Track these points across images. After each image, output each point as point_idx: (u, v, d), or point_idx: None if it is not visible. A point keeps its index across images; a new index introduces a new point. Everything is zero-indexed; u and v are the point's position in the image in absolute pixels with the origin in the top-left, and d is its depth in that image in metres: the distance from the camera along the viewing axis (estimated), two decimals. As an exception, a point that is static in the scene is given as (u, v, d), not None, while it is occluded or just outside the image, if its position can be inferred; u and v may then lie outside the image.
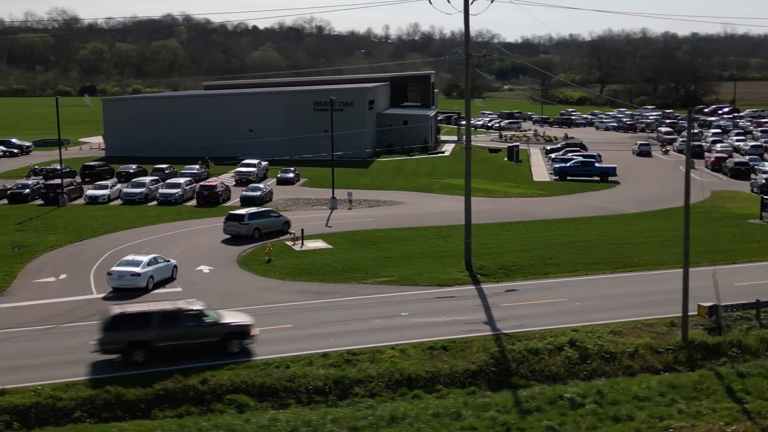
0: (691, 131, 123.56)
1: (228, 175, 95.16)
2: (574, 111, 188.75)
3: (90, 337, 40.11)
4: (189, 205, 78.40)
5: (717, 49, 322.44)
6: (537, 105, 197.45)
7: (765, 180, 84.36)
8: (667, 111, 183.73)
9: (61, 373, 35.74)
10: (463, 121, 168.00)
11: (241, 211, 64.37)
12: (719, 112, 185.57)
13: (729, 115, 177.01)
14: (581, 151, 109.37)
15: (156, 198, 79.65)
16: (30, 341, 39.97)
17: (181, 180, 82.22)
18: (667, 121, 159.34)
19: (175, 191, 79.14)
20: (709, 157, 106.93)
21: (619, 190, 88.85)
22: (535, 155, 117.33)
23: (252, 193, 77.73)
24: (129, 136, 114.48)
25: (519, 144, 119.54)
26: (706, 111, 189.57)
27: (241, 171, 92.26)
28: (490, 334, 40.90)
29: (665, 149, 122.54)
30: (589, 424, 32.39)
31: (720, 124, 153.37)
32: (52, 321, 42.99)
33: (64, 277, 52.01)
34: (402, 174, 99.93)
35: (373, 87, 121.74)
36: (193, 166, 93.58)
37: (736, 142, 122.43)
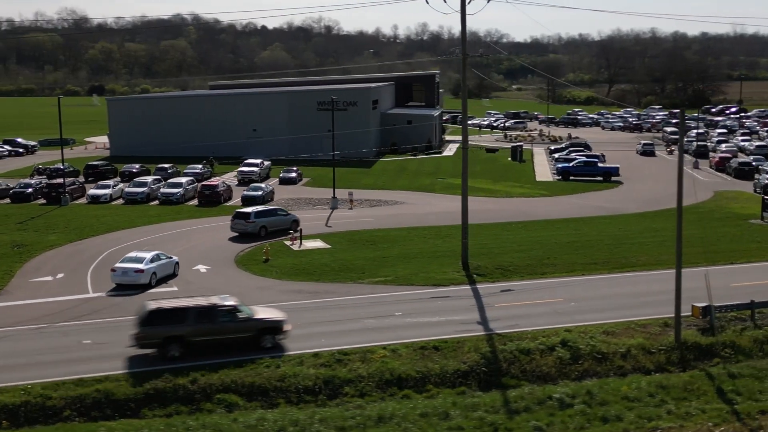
0: (699, 131, 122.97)
1: (231, 174, 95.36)
2: (581, 111, 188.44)
3: (82, 336, 40.49)
4: (190, 204, 78.52)
5: (727, 48, 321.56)
6: (545, 105, 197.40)
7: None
8: (674, 111, 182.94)
9: (52, 372, 35.83)
10: (468, 121, 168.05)
11: (247, 209, 64.96)
12: (726, 112, 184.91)
13: (736, 115, 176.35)
14: (585, 151, 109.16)
15: (158, 197, 79.82)
16: (22, 340, 40.07)
17: (183, 180, 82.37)
18: (674, 121, 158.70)
19: (177, 191, 79.30)
20: (713, 157, 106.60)
21: (622, 190, 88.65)
22: (539, 155, 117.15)
23: (253, 192, 77.86)
24: (133, 135, 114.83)
25: (522, 144, 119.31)
26: (714, 111, 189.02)
27: (243, 171, 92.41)
28: (482, 334, 40.86)
29: (670, 149, 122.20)
30: (577, 425, 32.29)
31: (726, 124, 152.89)
32: (46, 320, 43.09)
33: (61, 276, 52.14)
34: (405, 174, 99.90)
35: (377, 87, 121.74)
36: (196, 166, 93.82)
37: (742, 142, 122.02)
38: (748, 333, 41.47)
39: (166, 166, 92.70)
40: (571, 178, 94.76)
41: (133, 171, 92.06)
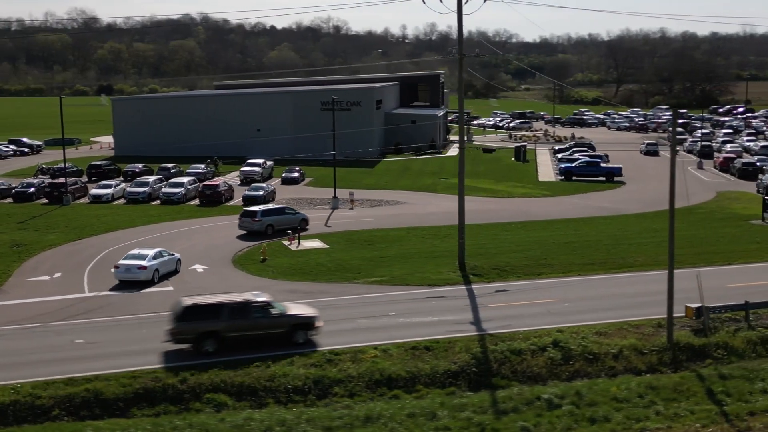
0: (704, 131, 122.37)
1: (234, 174, 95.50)
2: (587, 111, 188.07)
3: (75, 336, 40.59)
4: (192, 204, 78.67)
5: (736, 48, 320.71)
6: (553, 105, 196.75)
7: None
8: (680, 111, 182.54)
9: (42, 371, 35.90)
10: (473, 121, 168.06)
11: (254, 207, 65.77)
12: (734, 112, 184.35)
13: (743, 115, 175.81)
14: (589, 152, 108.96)
15: (159, 197, 80.00)
16: (15, 340, 40.17)
17: (185, 179, 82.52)
18: (680, 121, 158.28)
19: (178, 190, 79.48)
20: (717, 158, 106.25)
21: (624, 191, 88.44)
22: (543, 155, 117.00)
23: (254, 192, 78.01)
24: (138, 135, 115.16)
25: (526, 144, 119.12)
26: (721, 111, 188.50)
27: (245, 170, 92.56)
28: (474, 334, 40.81)
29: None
30: (564, 425, 32.21)
31: (733, 125, 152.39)
32: (40, 319, 43.20)
33: (58, 275, 52.28)
34: (408, 174, 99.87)
35: (381, 87, 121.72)
36: (199, 166, 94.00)
37: (747, 143, 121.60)
38: (741, 334, 41.29)
39: (169, 165, 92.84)
40: (573, 178, 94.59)
41: (136, 171, 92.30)
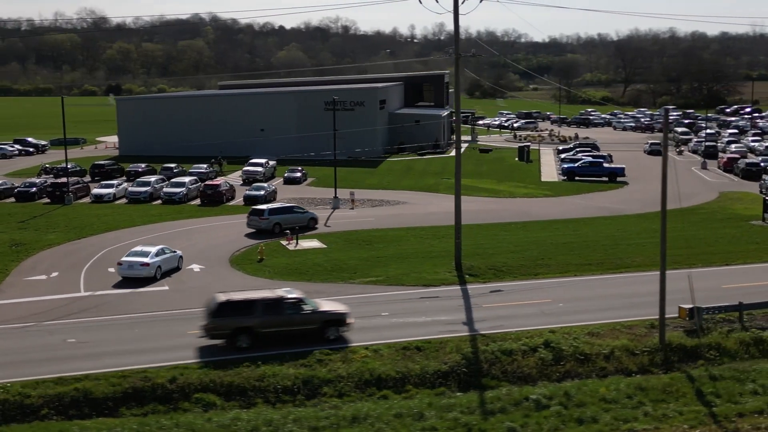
0: (709, 131, 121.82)
1: (238, 174, 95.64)
2: (593, 111, 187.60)
3: (67, 335, 40.70)
4: (193, 204, 78.81)
5: (746, 48, 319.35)
6: (561, 105, 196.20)
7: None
8: (687, 111, 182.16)
9: (33, 370, 36.02)
10: (479, 121, 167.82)
11: (262, 206, 66.68)
12: (741, 112, 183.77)
13: (750, 116, 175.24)
14: (592, 152, 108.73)
15: (161, 197, 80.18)
16: (8, 339, 40.25)
17: (186, 179, 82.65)
18: (686, 121, 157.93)
19: (180, 190, 79.64)
20: (721, 158, 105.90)
21: (627, 191, 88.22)
22: (547, 155, 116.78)
23: (255, 192, 78.17)
24: (142, 135, 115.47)
25: (530, 144, 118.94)
26: (728, 111, 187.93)
27: (248, 170, 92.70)
28: (466, 334, 40.79)
29: (679, 149, 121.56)
30: (551, 426, 32.16)
31: (739, 125, 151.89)
32: (34, 319, 43.34)
33: (55, 275, 52.41)
34: (410, 174, 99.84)
35: (385, 87, 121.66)
36: (201, 165, 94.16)
37: (752, 143, 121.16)
38: (734, 335, 41.17)
39: (172, 165, 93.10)
40: (576, 178, 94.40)
41: (139, 171, 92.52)
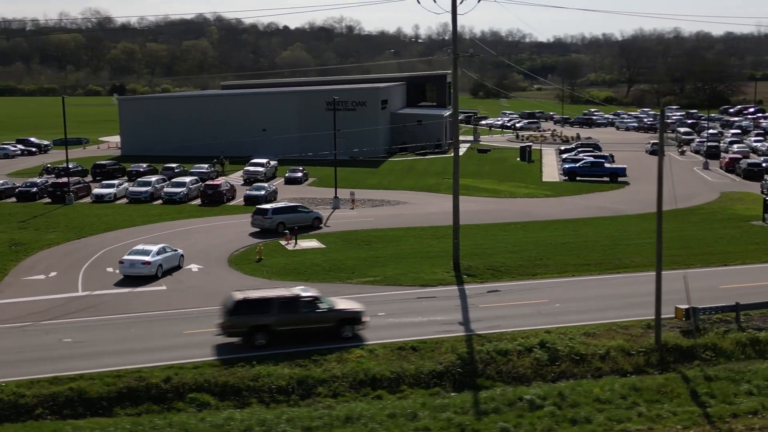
0: (711, 131, 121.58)
1: (238, 174, 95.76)
2: (597, 111, 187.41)
3: (63, 335, 40.75)
4: (193, 204, 78.90)
5: (751, 48, 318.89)
6: (565, 105, 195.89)
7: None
8: (691, 111, 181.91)
9: (28, 370, 36.07)
10: (482, 121, 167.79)
11: (266, 205, 67.35)
12: (745, 112, 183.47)
13: (753, 116, 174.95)
14: (594, 152, 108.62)
15: (161, 197, 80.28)
16: (3, 338, 40.28)
17: (187, 179, 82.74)
18: (689, 121, 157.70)
19: (180, 190, 79.73)
20: (723, 158, 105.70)
21: (628, 191, 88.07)
22: (549, 155, 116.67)
23: (255, 192, 78.30)
24: (144, 135, 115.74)
25: (531, 144, 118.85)
26: (732, 111, 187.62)
27: (249, 170, 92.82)
28: (462, 334, 40.75)
29: (681, 149, 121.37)
30: (544, 426, 32.13)
31: (742, 125, 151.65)
32: (31, 318, 43.41)
33: (53, 274, 52.50)
34: (412, 174, 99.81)
35: (386, 87, 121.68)
36: (203, 165, 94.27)
37: (754, 143, 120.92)
38: (731, 335, 41.07)
39: (173, 165, 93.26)
40: (577, 178, 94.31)
41: (140, 170, 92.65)
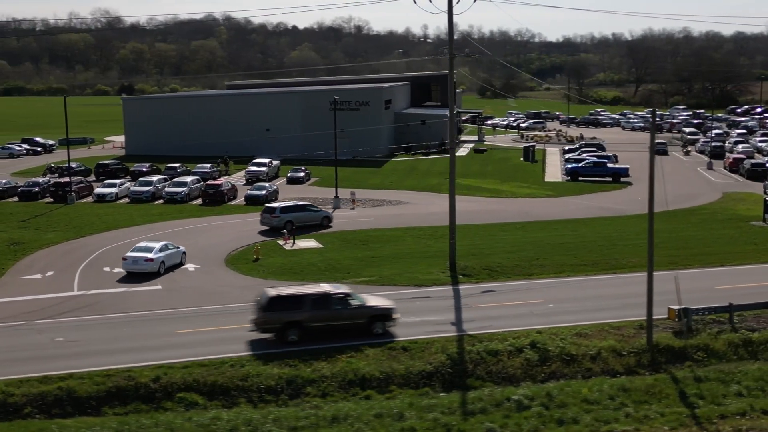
0: (717, 131, 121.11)
1: (241, 174, 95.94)
2: (603, 111, 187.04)
3: (56, 334, 40.89)
4: (194, 203, 79.06)
5: (761, 48, 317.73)
6: (572, 105, 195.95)
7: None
8: (698, 111, 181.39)
9: (19, 369, 36.20)
10: (487, 121, 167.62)
11: (275, 204, 67.94)
12: (752, 113, 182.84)
13: (760, 116, 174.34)
14: (597, 152, 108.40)
15: (163, 196, 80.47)
16: (-3, 337, 40.62)
17: (188, 179, 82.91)
18: (695, 121, 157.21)
19: (181, 190, 79.90)
20: (727, 158, 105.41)
21: (629, 191, 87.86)
22: (553, 155, 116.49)
23: (256, 192, 78.45)
24: (148, 135, 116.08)
25: (535, 144, 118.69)
26: (739, 111, 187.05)
27: (251, 170, 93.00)
28: (453, 335, 40.74)
29: (686, 149, 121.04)
30: (531, 427, 32.08)
31: (748, 125, 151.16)
32: (25, 317, 43.56)
33: (50, 274, 52.68)
34: (414, 174, 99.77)
35: (390, 87, 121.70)
36: (205, 165, 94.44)
37: (759, 143, 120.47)
38: (723, 336, 40.98)
39: (176, 165, 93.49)
40: (580, 178, 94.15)
41: (143, 170, 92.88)
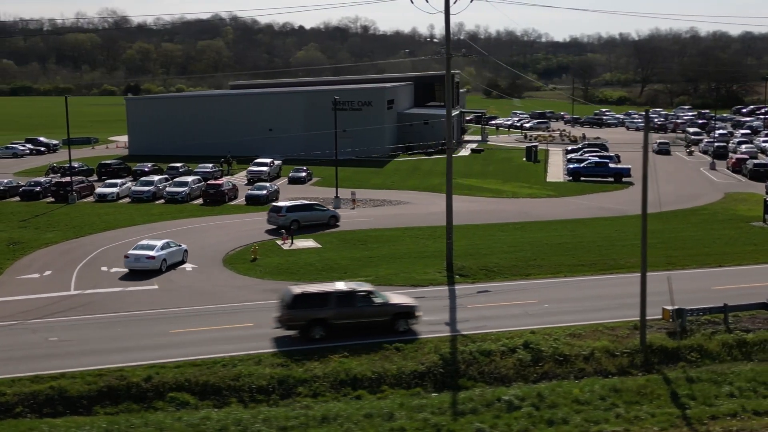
0: (721, 131, 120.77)
1: (243, 173, 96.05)
2: (608, 111, 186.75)
3: (50, 333, 40.96)
4: (195, 203, 79.18)
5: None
6: (577, 105, 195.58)
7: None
8: (703, 111, 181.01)
9: (11, 368, 36.28)
10: (491, 121, 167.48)
11: (281, 203, 68.16)
12: (757, 113, 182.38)
13: (765, 116, 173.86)
14: (600, 152, 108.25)
15: (163, 196, 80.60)
16: (-9, 337, 40.70)
17: (189, 178, 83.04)
18: (700, 121, 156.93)
19: (182, 189, 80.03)
20: (730, 158, 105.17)
21: (631, 191, 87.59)
22: (555, 155, 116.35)
23: (257, 192, 78.58)
24: (151, 134, 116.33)
25: (537, 144, 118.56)
26: (744, 111, 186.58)
27: (253, 170, 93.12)
28: (446, 335, 40.73)
29: (689, 149, 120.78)
30: (521, 427, 32.03)
31: (753, 125, 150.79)
32: (21, 317, 43.67)
33: (48, 273, 52.80)
34: (416, 174, 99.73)
35: (393, 87, 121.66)
36: (207, 165, 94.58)
37: (763, 143, 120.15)
38: (717, 337, 40.87)
39: (178, 165, 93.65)
40: (581, 178, 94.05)
41: (145, 170, 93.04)
